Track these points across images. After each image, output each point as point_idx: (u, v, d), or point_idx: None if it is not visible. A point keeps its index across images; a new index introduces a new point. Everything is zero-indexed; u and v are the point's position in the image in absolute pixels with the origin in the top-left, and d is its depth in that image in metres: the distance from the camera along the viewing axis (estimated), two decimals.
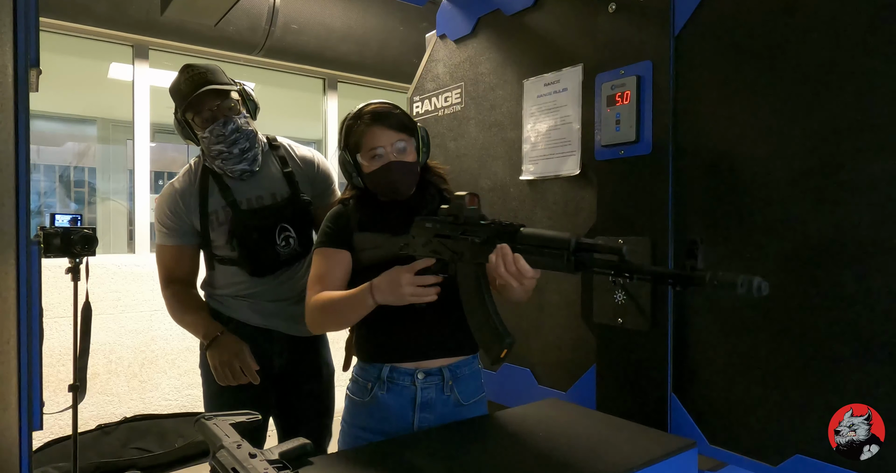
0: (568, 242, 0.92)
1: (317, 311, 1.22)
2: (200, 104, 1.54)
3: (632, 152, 1.28)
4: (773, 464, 1.04)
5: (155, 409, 3.19)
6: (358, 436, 1.29)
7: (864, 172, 0.94)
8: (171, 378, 3.26)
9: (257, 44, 3.28)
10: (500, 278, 1.01)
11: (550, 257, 0.94)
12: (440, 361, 1.26)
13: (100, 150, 5.01)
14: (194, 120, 1.57)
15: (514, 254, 0.98)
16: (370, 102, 1.32)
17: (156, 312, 3.24)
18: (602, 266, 0.90)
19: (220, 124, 1.54)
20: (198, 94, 1.52)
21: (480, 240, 1.06)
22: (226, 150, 1.56)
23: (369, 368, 1.29)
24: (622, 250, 0.87)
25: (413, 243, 1.17)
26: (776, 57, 1.05)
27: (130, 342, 3.16)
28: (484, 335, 1.08)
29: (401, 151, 1.26)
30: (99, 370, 3.04)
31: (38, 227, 2.06)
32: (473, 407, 1.31)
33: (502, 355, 1.05)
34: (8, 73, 0.72)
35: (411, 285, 1.09)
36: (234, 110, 1.57)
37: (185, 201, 1.63)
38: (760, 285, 0.75)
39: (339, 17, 3.42)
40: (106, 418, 3.01)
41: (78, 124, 5.07)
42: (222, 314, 1.67)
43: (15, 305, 0.71)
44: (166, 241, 1.65)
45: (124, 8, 2.89)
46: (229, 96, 1.57)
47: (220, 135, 1.54)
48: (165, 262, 1.67)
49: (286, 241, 1.60)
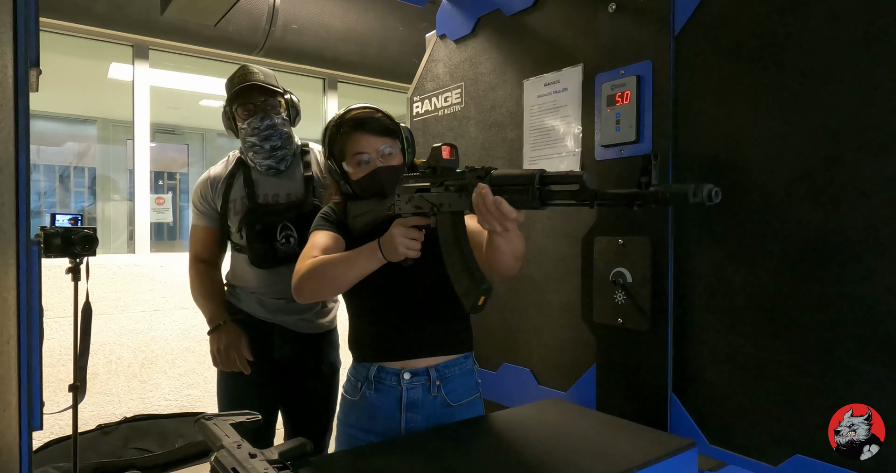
0: (533, 176, 0.94)
1: (312, 271, 1.17)
2: (245, 96, 1.69)
3: (632, 152, 1.28)
4: (773, 464, 1.04)
5: (155, 409, 3.19)
6: (349, 435, 1.29)
7: (864, 172, 0.94)
8: (171, 378, 3.26)
9: (257, 44, 3.28)
10: (484, 221, 1.00)
11: (518, 193, 0.96)
12: (427, 361, 1.26)
13: (100, 150, 5.02)
14: (238, 111, 1.72)
15: (494, 196, 0.97)
16: (350, 107, 1.31)
17: (156, 312, 3.24)
18: (566, 197, 0.92)
19: (258, 118, 1.68)
20: (244, 86, 1.68)
21: (455, 188, 1.08)
22: (258, 143, 1.69)
23: (359, 367, 1.30)
24: (583, 177, 0.88)
25: (398, 201, 1.18)
26: (776, 57, 1.05)
27: (130, 342, 3.16)
28: (462, 283, 1.08)
29: (386, 156, 1.25)
30: (99, 370, 3.04)
31: (38, 227, 2.06)
32: (464, 409, 1.28)
33: (480, 302, 1.05)
34: (8, 73, 0.72)
35: (403, 236, 1.10)
36: (275, 110, 1.71)
37: (215, 187, 1.78)
38: (712, 191, 0.77)
39: (339, 17, 3.42)
40: (106, 418, 3.01)
41: (78, 124, 5.07)
42: (233, 305, 1.80)
43: (15, 305, 0.71)
44: (197, 221, 1.81)
45: (124, 8, 2.89)
46: (274, 97, 1.71)
47: (255, 128, 1.68)
48: (195, 241, 1.82)
49: (286, 239, 1.69)
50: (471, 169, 1.05)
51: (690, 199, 0.78)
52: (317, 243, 1.25)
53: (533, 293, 1.56)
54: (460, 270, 1.08)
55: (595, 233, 1.36)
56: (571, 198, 0.91)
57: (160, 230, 4.64)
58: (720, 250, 1.13)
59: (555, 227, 1.49)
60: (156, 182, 3.66)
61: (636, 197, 0.84)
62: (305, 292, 1.20)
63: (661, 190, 0.81)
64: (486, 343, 1.71)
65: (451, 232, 1.10)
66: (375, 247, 1.13)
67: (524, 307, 1.58)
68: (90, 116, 4.94)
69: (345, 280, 1.17)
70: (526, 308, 1.58)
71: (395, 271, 1.18)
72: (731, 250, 1.12)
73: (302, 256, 1.23)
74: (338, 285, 1.18)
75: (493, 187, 0.98)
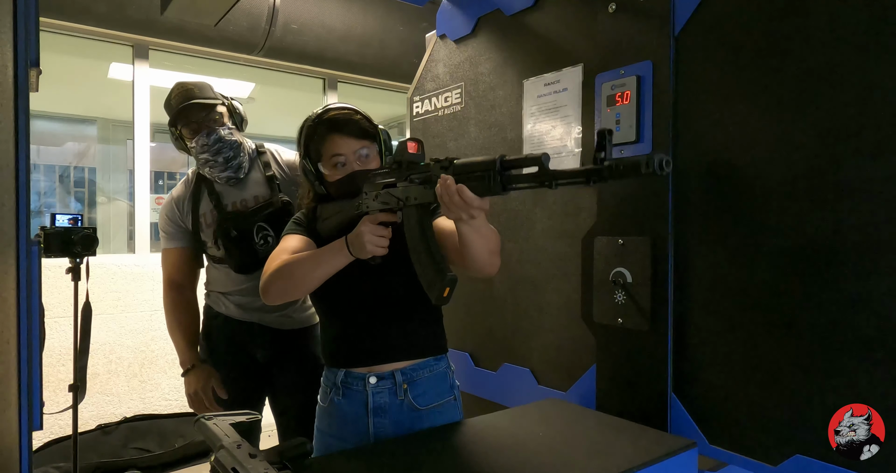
0: (494, 162, 0.94)
1: (279, 271, 1.16)
2: (185, 117, 1.70)
3: (632, 152, 1.27)
4: (773, 464, 1.04)
5: (155, 409, 3.19)
6: (321, 440, 1.29)
7: (864, 172, 0.94)
8: (171, 378, 3.26)
9: (257, 44, 3.28)
10: (448, 211, 1.00)
11: (480, 180, 0.96)
12: (393, 365, 1.24)
13: (100, 150, 5.01)
14: (183, 131, 1.72)
15: (457, 185, 0.96)
16: (329, 107, 1.30)
17: (156, 312, 3.24)
18: (527, 180, 0.92)
19: (205, 135, 1.68)
20: (182, 107, 1.68)
21: (420, 180, 1.08)
22: (211, 158, 1.70)
23: (328, 373, 1.30)
24: (541, 159, 0.88)
25: (365, 199, 1.17)
26: (776, 57, 1.05)
27: (130, 342, 3.16)
28: (426, 274, 1.07)
29: (364, 159, 1.24)
30: (99, 370, 3.04)
31: (38, 227, 2.06)
32: (434, 413, 1.25)
33: (444, 293, 1.05)
34: (8, 73, 0.72)
35: (371, 233, 1.09)
36: (219, 122, 1.71)
37: (180, 206, 1.79)
38: (662, 160, 0.78)
39: (339, 17, 3.42)
40: (106, 418, 3.01)
41: (78, 124, 5.07)
42: (212, 308, 1.83)
43: (15, 305, 0.71)
44: (168, 245, 1.82)
45: (124, 8, 2.89)
46: (214, 110, 1.71)
47: (204, 144, 1.68)
48: (168, 265, 1.82)
49: (264, 239, 1.71)
50: (435, 160, 1.05)
51: (643, 170, 0.79)
52: (286, 246, 1.24)
53: (533, 293, 1.56)
54: (426, 261, 1.07)
55: (595, 233, 1.36)
56: (533, 180, 0.91)
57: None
58: (720, 250, 1.13)
59: (555, 227, 1.49)
60: (156, 182, 3.66)
61: (592, 173, 0.85)
62: (272, 293, 1.18)
63: (615, 163, 0.82)
64: (486, 343, 1.71)
65: (416, 224, 1.10)
66: (343, 244, 1.12)
67: (524, 307, 1.58)
68: (90, 116, 4.94)
69: (312, 279, 1.15)
70: (526, 308, 1.58)
71: (362, 271, 1.18)
72: (731, 250, 1.12)
73: (270, 258, 1.22)
74: (305, 284, 1.16)
75: (457, 176, 0.98)
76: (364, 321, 1.25)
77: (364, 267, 1.16)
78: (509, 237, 1.61)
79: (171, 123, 1.74)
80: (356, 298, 1.26)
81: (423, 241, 1.08)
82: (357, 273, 1.17)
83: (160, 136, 3.69)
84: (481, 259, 1.10)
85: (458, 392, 1.33)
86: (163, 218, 1.81)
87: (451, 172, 1.00)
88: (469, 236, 1.05)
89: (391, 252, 1.13)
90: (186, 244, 1.80)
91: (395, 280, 1.24)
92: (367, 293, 1.25)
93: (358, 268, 1.16)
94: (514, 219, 1.60)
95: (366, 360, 1.24)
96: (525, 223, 1.58)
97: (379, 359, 1.24)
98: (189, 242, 1.79)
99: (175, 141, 1.78)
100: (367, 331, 1.25)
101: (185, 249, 1.80)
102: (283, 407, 1.81)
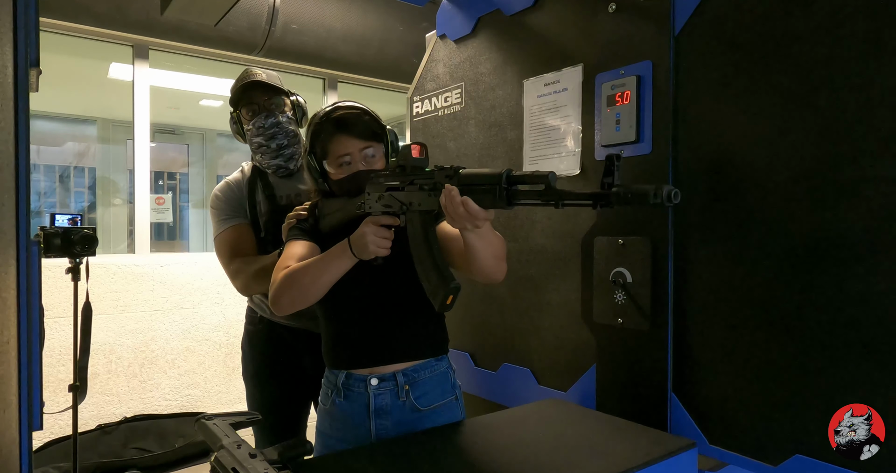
0: (500, 176, 0.94)
1: (286, 280, 1.15)
2: (249, 97, 1.69)
3: (632, 152, 1.28)
4: (773, 464, 1.04)
5: (155, 409, 3.19)
6: (323, 443, 1.29)
7: (864, 172, 0.94)
8: (171, 378, 3.27)
9: (257, 44, 3.28)
10: (453, 221, 1.00)
11: (485, 193, 0.96)
12: (395, 366, 1.23)
13: (100, 150, 5.02)
14: (243, 112, 1.71)
15: (462, 197, 0.97)
16: (338, 105, 1.29)
17: (156, 312, 3.24)
18: (533, 197, 0.92)
19: (263, 117, 1.67)
20: (245, 84, 1.68)
21: (425, 187, 1.08)
22: (264, 143, 1.67)
23: (329, 375, 1.30)
24: (548, 177, 0.88)
25: (368, 199, 1.18)
26: (776, 57, 1.05)
27: (130, 342, 3.16)
28: (430, 281, 1.08)
29: (370, 159, 1.24)
30: (99, 370, 3.04)
31: (38, 227, 2.06)
32: (436, 413, 1.25)
33: (448, 301, 1.05)
34: (8, 73, 0.72)
35: (374, 234, 1.09)
36: (279, 108, 1.70)
37: (239, 189, 1.73)
38: (671, 192, 0.79)
39: (339, 17, 3.43)
40: (106, 418, 3.01)
41: (78, 124, 5.07)
42: (256, 312, 1.74)
43: (15, 305, 0.71)
44: (225, 224, 1.68)
45: (124, 8, 2.90)
46: (277, 95, 1.70)
47: (260, 127, 1.66)
48: (226, 248, 1.67)
49: None
50: (440, 168, 1.05)
51: (651, 200, 0.79)
52: (291, 253, 1.23)
53: (533, 293, 1.56)
54: (429, 268, 1.07)
55: (595, 233, 1.36)
56: (538, 198, 0.91)
57: (160, 230, 4.64)
58: (720, 250, 1.13)
59: (555, 227, 1.49)
60: (156, 182, 3.66)
61: (599, 197, 0.85)
62: (283, 304, 1.16)
63: (623, 191, 0.82)
64: (486, 343, 1.71)
65: (420, 231, 1.10)
66: (345, 246, 1.12)
67: (524, 307, 1.58)
68: (90, 116, 4.94)
69: (319, 285, 1.14)
70: (526, 308, 1.58)
71: (363, 272, 1.17)
72: (731, 250, 1.12)
73: (276, 267, 1.20)
74: (313, 291, 1.15)
75: (461, 187, 0.98)
76: (365, 323, 1.25)
77: (365, 269, 1.16)
78: (509, 237, 1.61)
79: (232, 103, 1.72)
80: (357, 299, 1.25)
81: (426, 248, 1.08)
82: (358, 275, 1.17)
83: (160, 136, 3.69)
84: (487, 266, 1.11)
85: (459, 392, 1.33)
86: (218, 201, 1.70)
87: (455, 182, 1.00)
88: (474, 243, 1.06)
89: (393, 253, 1.13)
90: (245, 220, 1.69)
91: (396, 281, 1.24)
92: (368, 295, 1.25)
93: (359, 269, 1.15)
94: (514, 219, 1.60)
95: (367, 361, 1.24)
96: (525, 223, 1.58)
97: (380, 360, 1.23)
98: (248, 220, 1.70)
99: (232, 125, 1.75)
100: (368, 332, 1.24)
101: (244, 223, 1.68)
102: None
